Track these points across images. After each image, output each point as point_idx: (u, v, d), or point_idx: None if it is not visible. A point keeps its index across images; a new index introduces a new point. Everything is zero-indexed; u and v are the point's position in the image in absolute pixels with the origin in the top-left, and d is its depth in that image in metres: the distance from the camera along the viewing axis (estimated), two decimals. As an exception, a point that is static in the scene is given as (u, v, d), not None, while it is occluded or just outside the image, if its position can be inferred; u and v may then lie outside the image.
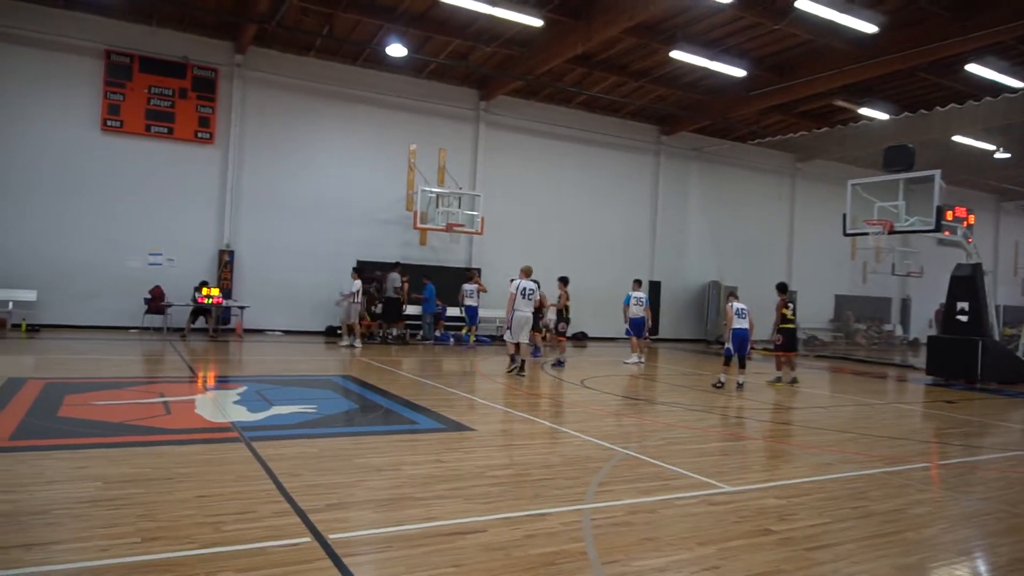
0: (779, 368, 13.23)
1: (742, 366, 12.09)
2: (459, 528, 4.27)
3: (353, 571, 3.53)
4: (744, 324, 12.08)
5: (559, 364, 14.11)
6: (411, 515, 4.48)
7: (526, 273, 12.70)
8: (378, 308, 18.33)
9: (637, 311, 15.76)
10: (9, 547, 3.63)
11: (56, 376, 9.65)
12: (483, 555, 3.85)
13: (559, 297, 14.83)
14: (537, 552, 3.92)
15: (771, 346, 14.10)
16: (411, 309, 18.82)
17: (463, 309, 18.20)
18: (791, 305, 13.14)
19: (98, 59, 16.67)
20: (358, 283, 16.24)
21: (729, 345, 12.11)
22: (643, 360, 15.76)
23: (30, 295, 15.61)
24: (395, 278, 18.00)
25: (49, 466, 5.18)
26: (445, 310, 19.27)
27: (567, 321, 14.99)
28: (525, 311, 12.34)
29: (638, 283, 16.82)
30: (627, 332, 16.05)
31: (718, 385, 11.90)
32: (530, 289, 12.50)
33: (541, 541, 4.10)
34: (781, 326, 12.99)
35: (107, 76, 16.72)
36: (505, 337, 12.69)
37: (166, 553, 3.66)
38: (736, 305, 12.19)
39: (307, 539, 3.94)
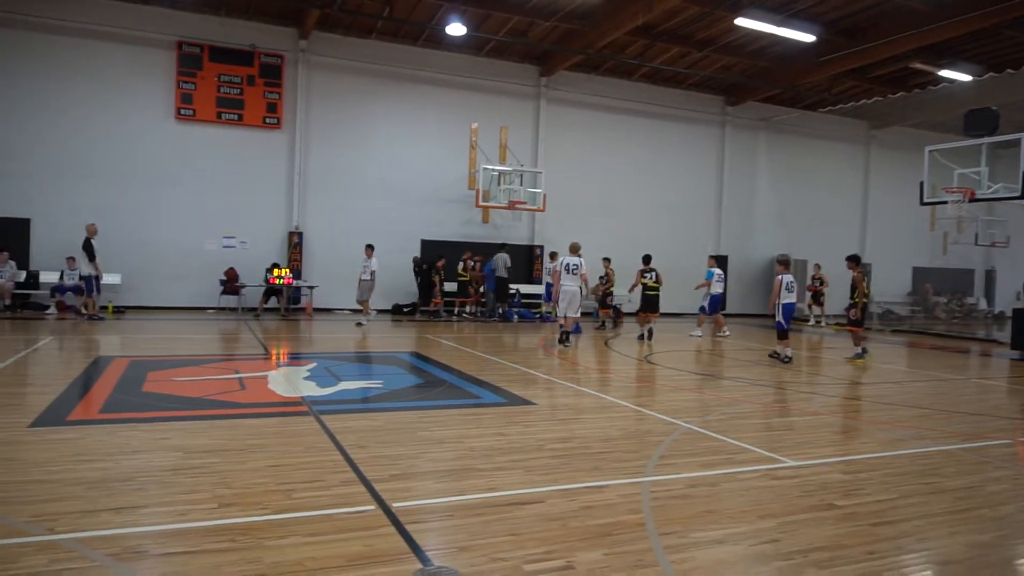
0: (856, 344, 12.59)
1: (784, 338, 11.90)
2: (518, 499, 4.35)
3: (416, 538, 3.66)
4: (793, 298, 11.94)
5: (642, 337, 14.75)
6: (472, 485, 4.59)
7: (573, 249, 13.10)
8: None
9: (718, 288, 16.01)
10: (100, 510, 3.90)
11: (140, 355, 10.20)
12: (540, 525, 3.92)
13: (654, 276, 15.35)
14: (594, 523, 3.97)
15: (844, 320, 13.56)
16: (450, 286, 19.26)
17: (546, 286, 18.24)
18: (867, 279, 12.60)
19: (171, 51, 17.30)
20: (372, 260, 15.75)
21: (781, 319, 11.86)
22: (722, 333, 16.21)
23: (115, 278, 16.47)
24: (504, 258, 18.48)
25: (135, 437, 5.51)
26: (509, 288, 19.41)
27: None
28: (571, 285, 12.82)
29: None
30: (703, 309, 16.30)
31: (786, 360, 11.63)
32: (574, 264, 12.89)
33: (599, 512, 4.14)
34: (861, 300, 12.33)
35: (180, 67, 17.35)
36: (555, 312, 13.64)
37: (241, 518, 3.87)
38: (786, 278, 11.87)
39: (372, 507, 4.10)
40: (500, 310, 18.82)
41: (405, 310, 19.24)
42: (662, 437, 6.11)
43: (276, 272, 16.98)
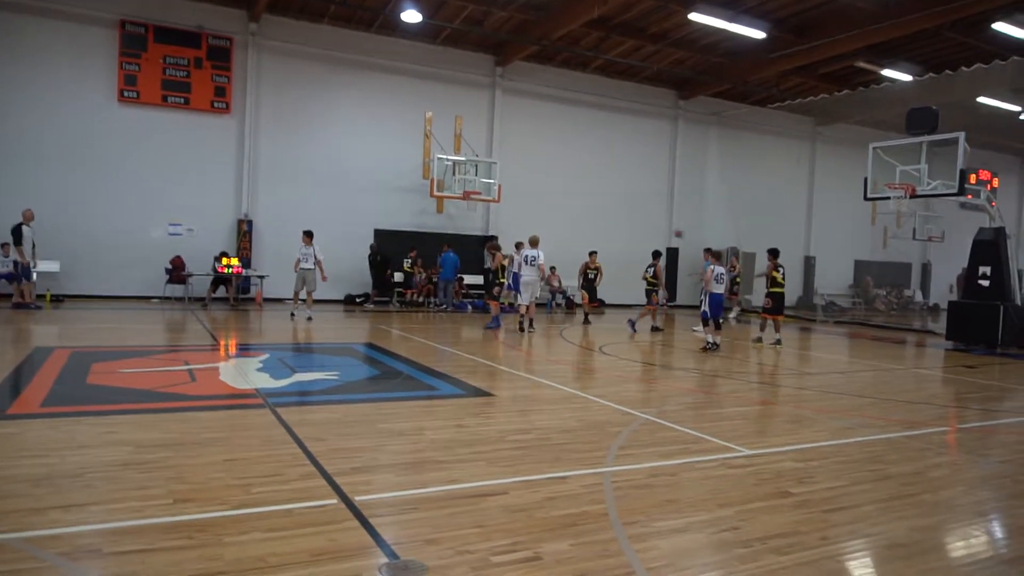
0: (762, 329, 13.92)
1: (717, 328, 12.43)
2: (481, 490, 4.35)
3: (380, 531, 3.62)
4: (720, 289, 12.40)
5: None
6: (434, 478, 4.56)
7: (532, 243, 13.93)
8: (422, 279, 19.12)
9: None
10: (47, 508, 3.75)
11: (82, 345, 9.84)
12: (505, 516, 3.93)
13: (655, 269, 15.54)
14: (559, 513, 3.99)
15: (760, 308, 14.39)
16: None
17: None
18: (781, 269, 13.51)
19: (113, 29, 16.66)
20: (308, 248, 14.66)
21: (706, 308, 12.34)
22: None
23: (53, 266, 15.84)
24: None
25: (80, 431, 5.32)
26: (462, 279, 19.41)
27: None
28: (529, 276, 13.85)
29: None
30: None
31: (710, 347, 12.05)
32: (532, 256, 13.82)
33: (562, 503, 4.17)
34: (771, 289, 13.45)
35: (122, 47, 16.73)
36: (517, 301, 14.42)
37: (198, 514, 3.77)
38: (717, 269, 12.42)
39: (334, 501, 4.04)
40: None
41: (358, 300, 19.02)
42: (621, 428, 6.18)
43: (225, 261, 16.58)
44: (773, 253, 13.64)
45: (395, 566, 3.23)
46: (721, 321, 12.91)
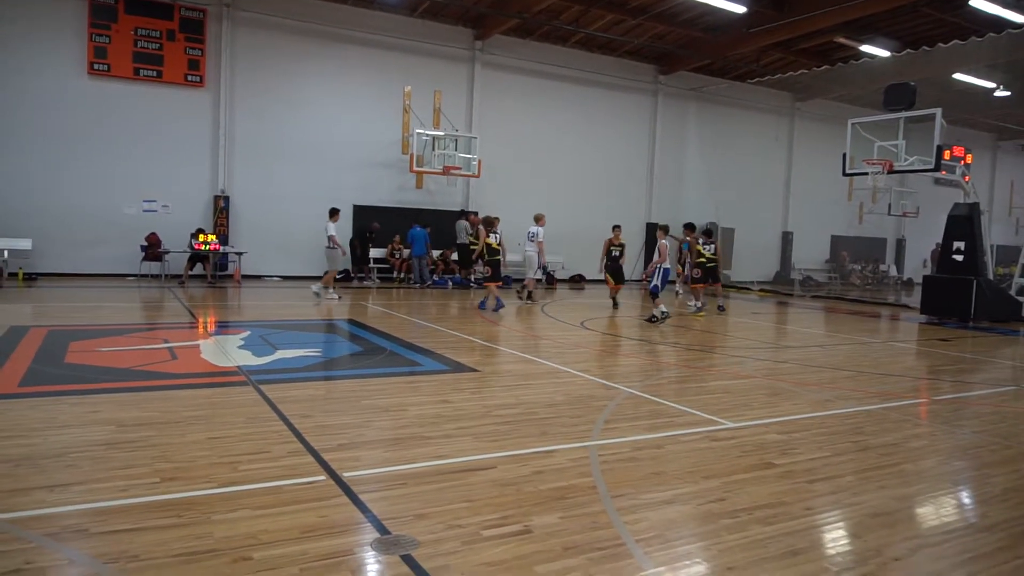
0: (697, 299, 14.49)
1: (653, 298, 12.69)
2: (469, 465, 4.37)
3: (370, 507, 3.63)
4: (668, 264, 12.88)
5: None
6: (422, 453, 4.58)
7: (535, 219, 14.89)
8: (404, 254, 19.09)
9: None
10: (32, 488, 3.71)
11: (58, 324, 9.68)
12: (494, 490, 3.95)
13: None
14: (547, 487, 4.02)
15: (689, 279, 15.12)
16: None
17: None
18: (712, 245, 14.59)
19: (81, 0, 16.18)
20: (331, 225, 14.50)
21: (657, 283, 12.61)
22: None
23: (25, 243, 15.48)
24: (464, 225, 18.56)
25: (62, 411, 5.25)
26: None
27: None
28: (529, 251, 14.96)
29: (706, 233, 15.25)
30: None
31: (655, 319, 12.23)
32: (533, 232, 14.72)
33: (550, 476, 4.20)
34: (698, 261, 14.36)
35: (91, 18, 16.25)
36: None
37: (185, 492, 3.75)
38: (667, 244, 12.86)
39: (322, 477, 4.04)
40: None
41: (337, 277, 18.83)
42: (605, 402, 6.23)
43: (202, 238, 16.32)
44: (690, 227, 14.67)
45: (386, 541, 3.24)
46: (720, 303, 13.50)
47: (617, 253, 14.48)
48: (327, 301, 14.08)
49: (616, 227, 14.85)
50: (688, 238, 14.96)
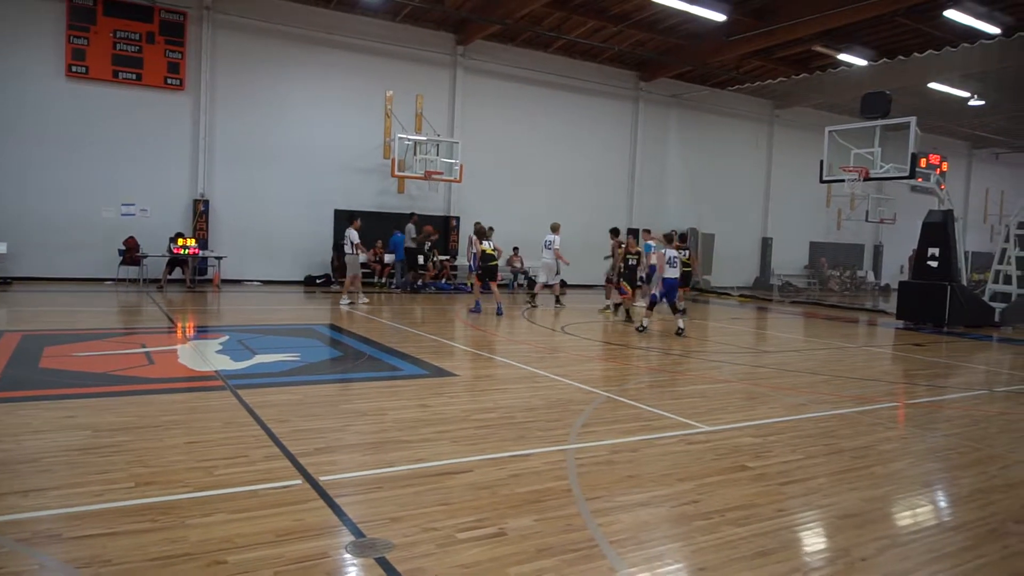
0: (608, 296, 15.31)
1: (674, 311, 12.01)
2: (446, 469, 4.39)
3: (345, 510, 3.64)
4: (675, 273, 11.90)
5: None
6: (399, 457, 4.59)
7: (552, 228, 15.54)
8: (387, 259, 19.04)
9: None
10: (6, 493, 3.69)
11: (33, 328, 9.58)
12: (470, 493, 3.98)
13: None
14: (523, 490, 4.06)
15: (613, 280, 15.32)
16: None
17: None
18: (633, 249, 14.12)
19: (60, 2, 16.02)
20: (354, 232, 14.56)
21: (656, 292, 12.24)
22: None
23: (1, 247, 15.31)
24: (410, 228, 18.39)
25: (36, 416, 5.21)
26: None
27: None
28: (546, 258, 15.67)
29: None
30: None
31: (641, 329, 11.83)
32: (549, 240, 15.41)
33: (527, 480, 4.24)
34: (617, 264, 14.50)
35: (70, 20, 16.10)
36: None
37: (160, 497, 3.74)
38: (670, 252, 11.85)
39: (299, 481, 4.04)
40: (419, 282, 18.75)
41: (318, 281, 18.81)
42: (583, 406, 6.28)
43: (181, 242, 16.20)
44: (614, 232, 15.31)
45: (361, 544, 3.26)
46: (681, 306, 12.50)
47: (634, 261, 13.64)
48: (362, 305, 14.22)
49: (631, 234, 14.86)
50: (611, 242, 15.16)
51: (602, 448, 5.02)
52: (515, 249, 20.84)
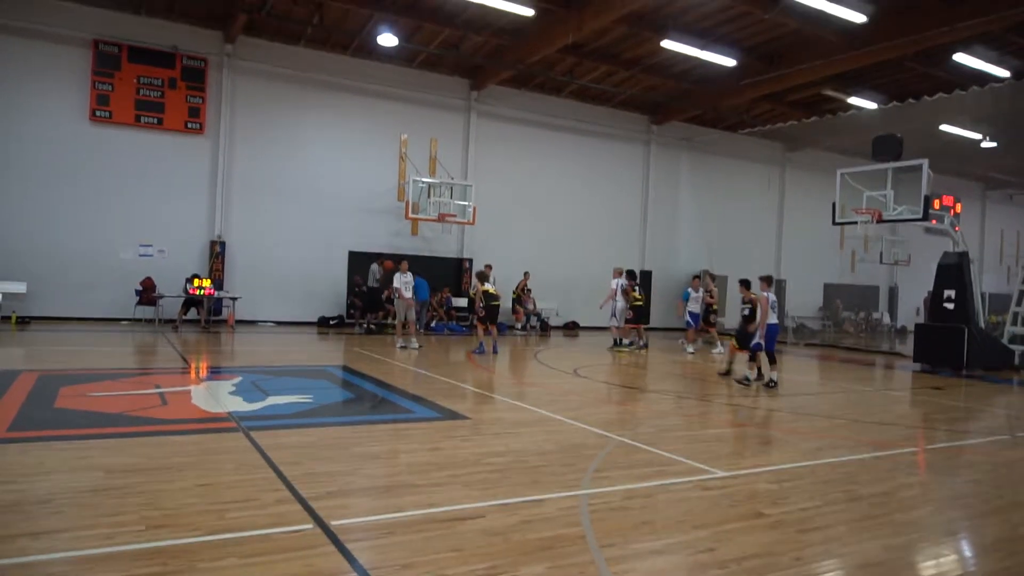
0: (626, 336, 16.34)
1: (772, 362, 11.02)
2: (458, 514, 4.34)
3: (357, 556, 3.60)
4: (775, 319, 10.97)
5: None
6: (410, 501, 4.55)
7: (616, 272, 16.47)
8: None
9: (695, 306, 17.00)
10: (16, 535, 3.67)
11: (49, 368, 9.65)
12: (482, 540, 3.93)
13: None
14: (535, 536, 4.00)
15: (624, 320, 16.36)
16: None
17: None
18: (637, 288, 16.08)
19: (86, 49, 16.53)
20: (407, 276, 14.55)
21: (761, 340, 10.90)
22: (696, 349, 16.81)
23: (20, 287, 15.50)
24: (374, 269, 18.41)
25: (50, 456, 5.22)
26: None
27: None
28: (619, 302, 16.15)
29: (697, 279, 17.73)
30: (687, 324, 17.21)
31: (745, 382, 10.86)
32: (616, 284, 16.18)
33: (539, 526, 4.18)
34: (633, 304, 15.85)
35: (95, 66, 16.59)
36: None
37: (172, 540, 3.72)
38: (771, 297, 10.92)
39: (310, 526, 4.01)
40: (432, 323, 18.85)
41: (331, 322, 18.88)
42: (596, 450, 6.21)
43: (196, 283, 16.37)
44: (631, 275, 16.25)
45: (373, 591, 3.21)
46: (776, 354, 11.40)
47: (747, 312, 11.48)
48: (412, 349, 14.19)
49: (741, 284, 11.90)
50: (628, 283, 16.11)
51: (616, 493, 4.95)
52: (528, 291, 20.85)
